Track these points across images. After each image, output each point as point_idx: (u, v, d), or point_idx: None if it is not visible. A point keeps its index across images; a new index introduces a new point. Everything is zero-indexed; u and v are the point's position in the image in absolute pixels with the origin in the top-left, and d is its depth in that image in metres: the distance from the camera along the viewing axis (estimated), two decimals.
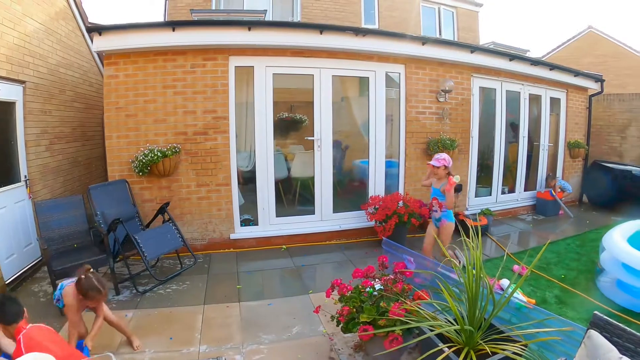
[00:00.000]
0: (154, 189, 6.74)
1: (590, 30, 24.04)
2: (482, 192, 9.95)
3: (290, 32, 6.95)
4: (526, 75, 9.92)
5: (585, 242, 8.26)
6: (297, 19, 12.82)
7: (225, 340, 4.30)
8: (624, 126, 12.70)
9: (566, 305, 5.50)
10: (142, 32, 6.37)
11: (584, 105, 11.99)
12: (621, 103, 12.84)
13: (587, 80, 11.63)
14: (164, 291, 5.49)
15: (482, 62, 8.84)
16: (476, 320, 3.23)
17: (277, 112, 8.29)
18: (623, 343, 2.55)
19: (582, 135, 11.98)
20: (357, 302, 3.88)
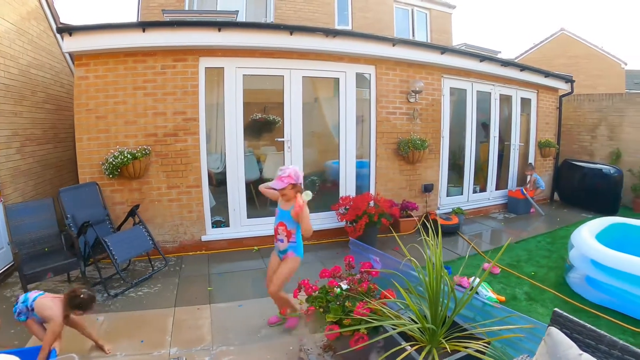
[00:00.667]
0: (125, 191, 6.66)
1: (562, 32, 24.43)
2: (454, 192, 10.03)
3: (261, 33, 6.93)
4: (497, 76, 10.04)
5: (555, 239, 8.40)
6: (271, 20, 12.81)
7: (195, 343, 4.29)
8: (594, 126, 12.90)
9: (536, 301, 5.59)
10: (113, 33, 6.30)
11: (554, 105, 12.24)
12: (591, 103, 13.05)
13: (558, 81, 11.87)
14: (136, 294, 5.44)
15: (452, 63, 8.92)
16: (439, 318, 3.24)
17: (251, 113, 8.29)
18: (584, 339, 2.56)
19: (552, 135, 12.22)
20: (323, 302, 3.88)
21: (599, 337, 2.48)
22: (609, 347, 2.41)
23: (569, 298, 5.68)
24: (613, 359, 2.37)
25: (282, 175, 4.21)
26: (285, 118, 7.50)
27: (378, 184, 8.41)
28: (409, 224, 8.35)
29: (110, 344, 4.16)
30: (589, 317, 5.14)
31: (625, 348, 2.33)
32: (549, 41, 24.72)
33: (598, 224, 6.83)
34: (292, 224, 4.35)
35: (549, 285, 6.09)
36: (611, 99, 12.52)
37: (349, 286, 3.98)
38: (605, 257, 5.47)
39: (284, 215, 4.36)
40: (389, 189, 8.53)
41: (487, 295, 5.47)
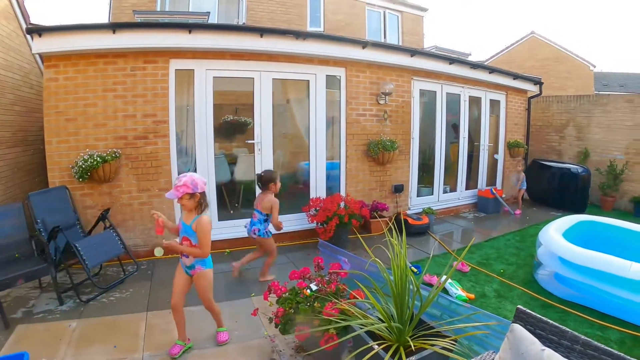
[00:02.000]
0: (95, 195, 6.57)
1: (532, 35, 24.88)
2: (424, 192, 10.15)
3: (231, 35, 6.90)
4: (466, 78, 10.19)
5: (525, 237, 8.56)
6: (243, 21, 12.79)
7: (168, 346, 4.22)
8: (562, 126, 13.21)
9: (505, 298, 5.67)
10: (83, 34, 6.20)
11: (523, 106, 12.47)
12: (559, 104, 13.36)
13: (526, 83, 12.10)
14: (108, 299, 5.37)
15: (422, 66, 9.03)
16: (405, 317, 3.28)
17: (222, 115, 8.29)
18: (547, 335, 2.59)
19: (521, 135, 12.45)
20: (292, 303, 3.91)
21: (561, 333, 2.52)
22: (571, 342, 2.44)
23: (537, 294, 5.79)
24: (576, 354, 2.41)
25: (178, 185, 3.82)
26: (255, 120, 7.49)
27: (348, 185, 8.46)
28: (380, 224, 8.34)
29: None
30: (557, 313, 5.27)
31: (587, 343, 2.37)
32: (519, 44, 25.16)
33: (565, 222, 6.98)
34: (196, 238, 3.93)
35: (518, 283, 6.19)
36: (579, 101, 12.81)
37: (318, 287, 4.01)
38: (572, 254, 5.60)
39: (187, 230, 3.97)
40: (360, 190, 8.60)
41: (456, 293, 5.55)
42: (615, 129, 11.81)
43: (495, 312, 5.15)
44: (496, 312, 5.16)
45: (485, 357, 2.83)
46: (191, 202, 3.88)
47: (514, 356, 2.46)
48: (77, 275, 5.70)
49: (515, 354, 2.46)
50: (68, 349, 4.14)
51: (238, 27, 7.14)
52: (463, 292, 5.63)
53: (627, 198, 11.46)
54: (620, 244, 6.74)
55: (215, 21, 12.09)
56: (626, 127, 11.52)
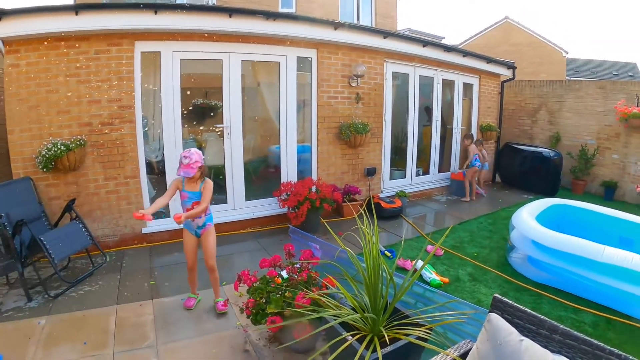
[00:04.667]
0: (61, 185, 6.32)
1: (506, 20, 25.16)
2: (397, 175, 10.17)
3: (199, 15, 6.67)
4: (440, 61, 10.16)
5: (497, 220, 8.64)
6: (213, 2, 12.49)
7: (139, 341, 4.15)
8: (535, 110, 13.39)
9: (479, 282, 5.71)
10: (45, 16, 5.86)
11: (496, 90, 12.58)
12: (532, 89, 13.53)
13: (500, 67, 12.16)
14: (77, 294, 5.19)
15: (395, 48, 8.95)
16: (379, 306, 3.20)
17: (192, 99, 8.07)
18: (524, 324, 2.56)
19: (494, 119, 12.57)
20: (263, 293, 3.83)
21: (540, 322, 2.49)
22: (550, 332, 2.41)
23: (511, 277, 5.84)
24: (555, 343, 2.37)
25: (190, 163, 4.26)
26: (224, 103, 7.32)
27: (320, 168, 8.41)
28: (353, 208, 8.35)
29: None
30: (531, 296, 5.34)
31: (566, 332, 2.33)
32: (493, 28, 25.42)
33: (538, 205, 7.05)
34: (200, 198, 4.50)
35: (491, 266, 6.24)
36: (551, 85, 12.99)
37: (289, 275, 3.93)
38: (545, 237, 5.65)
39: (196, 195, 4.47)
40: (332, 173, 8.55)
41: (430, 277, 5.54)
42: (586, 114, 12.01)
43: (470, 296, 5.23)
44: (471, 296, 5.23)
45: (462, 345, 2.79)
46: (198, 173, 4.38)
47: (492, 347, 2.40)
48: (45, 270, 5.56)
49: (493, 344, 2.40)
50: (38, 349, 3.98)
51: (206, 7, 6.95)
52: (437, 276, 5.62)
53: (597, 182, 11.72)
54: (592, 227, 6.87)
55: (184, 2, 11.78)
56: (598, 113, 11.72)
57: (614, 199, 11.14)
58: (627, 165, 11.12)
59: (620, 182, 11.23)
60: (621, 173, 11.25)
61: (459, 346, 2.78)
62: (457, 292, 5.31)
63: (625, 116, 10.64)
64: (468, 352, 2.66)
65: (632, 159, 11.03)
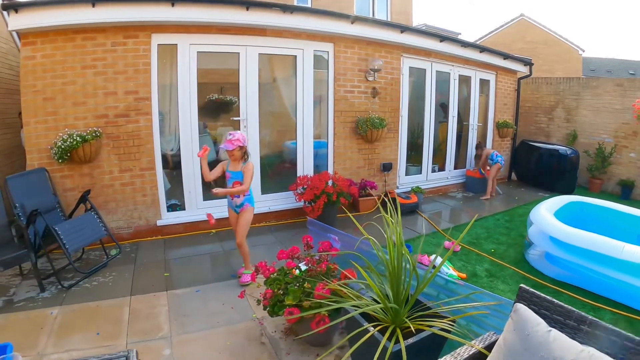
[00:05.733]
0: (76, 176, 6.35)
1: (522, 17, 25.05)
2: (413, 171, 10.15)
3: (216, 8, 6.65)
4: (456, 56, 10.12)
5: (513, 217, 8.60)
6: None
7: (153, 332, 4.15)
8: (551, 108, 13.28)
9: (497, 278, 5.68)
10: (61, 9, 5.87)
11: (512, 87, 12.47)
12: (548, 86, 13.41)
13: (516, 63, 12.06)
14: (90, 284, 5.21)
15: (412, 43, 8.91)
16: (402, 297, 3.17)
17: (207, 94, 8.11)
18: (551, 315, 2.49)
19: (510, 116, 12.47)
20: (281, 284, 3.81)
21: (567, 313, 2.43)
22: (578, 323, 2.36)
23: (528, 274, 5.78)
24: (582, 334, 2.32)
25: (232, 139, 4.88)
26: (240, 96, 7.33)
27: (336, 163, 8.41)
28: (369, 203, 8.36)
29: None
30: (549, 293, 5.22)
31: (595, 323, 2.29)
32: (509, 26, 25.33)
33: (556, 202, 6.99)
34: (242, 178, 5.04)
35: (508, 262, 6.21)
36: (568, 83, 12.86)
37: (308, 267, 3.91)
38: (563, 233, 5.59)
39: (238, 175, 5.05)
40: (347, 168, 8.55)
41: (448, 273, 5.46)
42: (604, 112, 11.88)
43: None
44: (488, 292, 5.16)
45: (486, 338, 2.74)
46: (240, 153, 5.00)
47: (519, 337, 2.33)
48: (58, 261, 5.57)
49: (521, 335, 2.34)
50: (50, 339, 3.99)
51: (223, 0, 6.91)
52: (455, 271, 5.58)
53: (614, 181, 11.59)
54: (610, 225, 6.77)
55: None
56: (615, 111, 11.58)
57: (631, 198, 11.01)
58: None
59: (637, 181, 11.08)
60: (638, 172, 11.12)
61: (484, 338, 2.73)
62: None
63: None
64: (493, 344, 2.59)
65: None
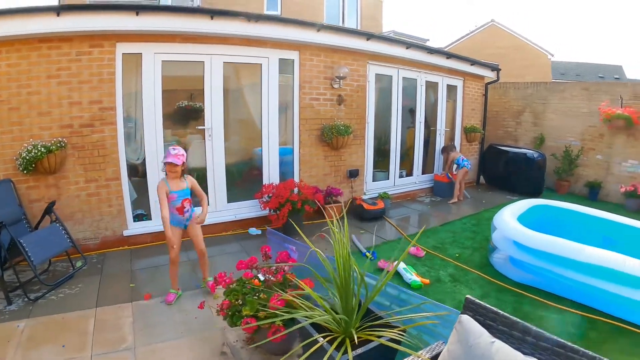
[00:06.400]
0: (42, 187, 6.34)
1: (492, 23, 25.61)
2: (380, 177, 10.30)
3: (180, 17, 6.73)
4: (423, 63, 10.31)
5: (480, 220, 8.76)
6: (198, 4, 12.59)
7: (117, 343, 4.21)
8: (519, 112, 13.63)
9: (460, 283, 5.78)
10: (27, 17, 5.85)
11: (480, 92, 12.78)
12: (516, 91, 13.78)
13: (484, 69, 12.37)
14: (57, 297, 5.24)
15: (378, 50, 9.08)
16: (352, 307, 3.26)
17: (176, 100, 8.18)
18: (497, 326, 2.54)
19: (478, 121, 12.78)
20: (239, 295, 3.88)
21: (512, 324, 2.48)
22: (523, 334, 2.40)
23: (493, 278, 5.91)
24: (527, 345, 2.36)
25: (178, 153, 4.84)
26: (206, 105, 7.39)
27: (302, 170, 8.49)
28: (335, 209, 8.32)
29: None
30: (513, 296, 5.41)
31: (539, 334, 2.33)
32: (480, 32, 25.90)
33: (520, 205, 7.12)
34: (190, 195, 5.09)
35: (473, 267, 6.32)
36: (535, 87, 13.23)
37: (265, 277, 4.01)
38: (526, 237, 5.72)
39: (186, 193, 5.02)
40: (314, 175, 8.64)
41: (411, 279, 5.58)
42: (571, 116, 12.23)
43: (451, 297, 5.29)
44: (451, 297, 5.29)
45: (434, 347, 2.81)
46: (180, 169, 4.89)
47: (463, 349, 2.41)
48: (25, 273, 5.58)
49: (464, 346, 2.40)
50: (17, 351, 4.03)
51: (188, 9, 7.01)
52: (418, 277, 5.67)
53: (581, 183, 11.93)
54: (575, 227, 6.94)
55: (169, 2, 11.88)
56: (582, 114, 11.94)
57: (598, 199, 11.35)
58: (612, 166, 11.35)
59: (604, 183, 11.45)
60: (605, 173, 11.48)
61: (432, 348, 2.80)
62: (437, 294, 5.35)
63: (609, 117, 10.84)
64: (440, 353, 2.66)
65: (616, 160, 11.25)
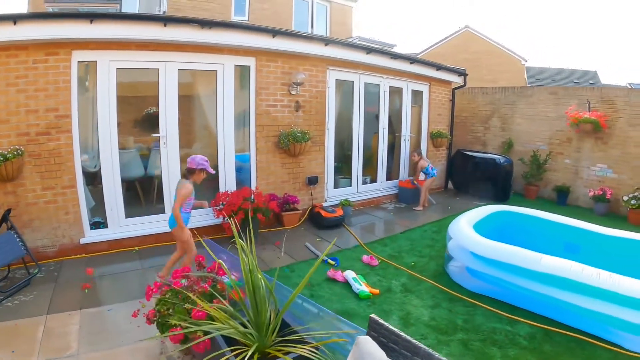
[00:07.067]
0: (0, 194, 6.44)
1: (466, 29, 26.08)
2: (343, 183, 10.37)
3: (133, 24, 6.82)
4: (386, 68, 10.46)
5: (442, 228, 8.60)
6: (164, 10, 12.71)
7: (62, 350, 4.33)
8: (487, 117, 13.84)
9: (412, 292, 5.78)
10: None
11: (447, 97, 12.95)
12: (484, 96, 13.99)
13: (450, 74, 12.55)
14: (12, 303, 5.36)
15: (338, 55, 9.19)
16: (262, 322, 3.29)
17: (130, 108, 8.23)
18: (399, 350, 2.55)
19: (445, 126, 12.93)
20: (168, 304, 3.95)
21: (415, 349, 2.49)
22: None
23: (447, 288, 5.92)
24: None
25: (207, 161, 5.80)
26: (160, 113, 7.44)
27: (259, 178, 8.55)
28: (293, 217, 8.57)
29: None
30: (465, 307, 5.40)
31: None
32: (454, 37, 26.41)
33: (479, 212, 7.12)
34: None
35: (428, 276, 6.34)
36: (504, 92, 13.43)
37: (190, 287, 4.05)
38: (481, 246, 5.68)
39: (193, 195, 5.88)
40: (271, 182, 8.70)
41: (360, 289, 5.60)
42: (538, 120, 12.45)
43: (399, 308, 5.30)
44: (400, 308, 5.30)
45: None
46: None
47: None
48: None
49: None
50: None
51: (141, 17, 7.10)
52: (367, 287, 5.69)
53: (550, 187, 12.09)
54: (537, 234, 6.99)
55: (136, 10, 11.98)
56: (549, 118, 12.15)
57: (567, 204, 11.51)
58: (580, 170, 11.51)
59: (573, 187, 11.60)
60: (574, 177, 11.65)
61: None
62: (385, 304, 5.41)
63: (576, 121, 10.94)
64: None
65: (584, 164, 11.43)
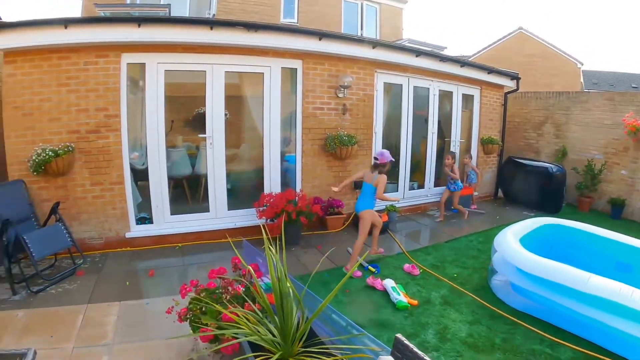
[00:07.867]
0: (51, 188, 6.81)
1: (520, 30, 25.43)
2: (389, 188, 10.02)
3: (180, 28, 7.04)
4: (435, 71, 10.29)
5: (489, 238, 8.06)
6: (213, 13, 12.93)
7: (98, 339, 4.52)
8: (540, 123, 13.35)
9: (451, 306, 5.57)
10: (38, 30, 6.37)
11: (499, 102, 12.58)
12: (538, 101, 13.50)
13: (502, 77, 12.18)
14: (56, 291, 5.67)
15: (385, 58, 9.13)
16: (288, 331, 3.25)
17: (178, 108, 8.44)
18: None
19: (496, 132, 12.56)
20: (202, 303, 3.98)
21: None
22: None
23: (488, 303, 5.64)
24: None
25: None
26: (207, 113, 7.62)
27: (304, 180, 8.61)
28: (337, 221, 8.56)
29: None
30: (505, 324, 5.13)
31: None
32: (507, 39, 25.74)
33: (526, 225, 6.82)
34: None
35: (469, 289, 6.09)
36: (558, 97, 12.92)
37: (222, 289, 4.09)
38: (525, 262, 5.42)
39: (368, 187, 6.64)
40: (317, 185, 8.72)
41: (398, 299, 5.48)
42: (594, 128, 11.83)
43: (436, 321, 5.13)
44: (437, 322, 5.13)
45: None
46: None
47: None
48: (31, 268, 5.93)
49: None
50: (12, 337, 4.46)
51: (187, 20, 7.30)
52: (406, 297, 5.57)
53: (605, 199, 11.38)
54: (588, 250, 6.60)
55: (186, 14, 12.24)
56: (605, 126, 11.51)
57: (622, 217, 10.85)
58: (636, 182, 10.82)
59: (628, 200, 10.90)
60: (630, 190, 10.96)
61: None
62: (423, 316, 5.24)
63: (634, 129, 10.33)
64: None
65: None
